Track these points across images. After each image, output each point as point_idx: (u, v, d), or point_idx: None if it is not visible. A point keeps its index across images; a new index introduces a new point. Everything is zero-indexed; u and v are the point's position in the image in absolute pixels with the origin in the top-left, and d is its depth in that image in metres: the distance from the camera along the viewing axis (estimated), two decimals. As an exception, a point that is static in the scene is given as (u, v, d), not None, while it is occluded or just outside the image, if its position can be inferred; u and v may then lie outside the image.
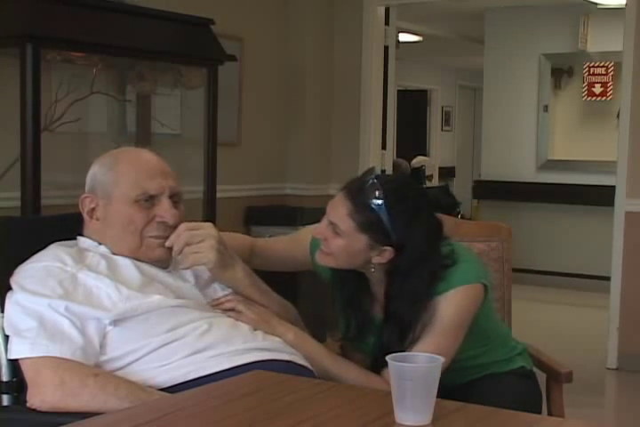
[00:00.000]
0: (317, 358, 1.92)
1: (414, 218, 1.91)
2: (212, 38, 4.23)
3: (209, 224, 1.97)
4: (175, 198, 1.94)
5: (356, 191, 1.92)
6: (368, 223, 1.89)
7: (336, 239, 1.93)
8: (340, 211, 1.92)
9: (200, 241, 1.90)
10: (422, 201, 1.95)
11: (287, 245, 2.28)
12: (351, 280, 2.04)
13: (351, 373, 1.92)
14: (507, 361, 2.20)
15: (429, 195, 1.98)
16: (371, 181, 1.91)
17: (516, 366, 2.20)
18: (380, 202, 1.88)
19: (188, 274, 1.98)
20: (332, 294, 2.12)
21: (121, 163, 1.94)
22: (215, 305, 1.94)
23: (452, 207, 2.04)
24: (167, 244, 1.90)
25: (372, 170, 1.98)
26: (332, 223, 1.93)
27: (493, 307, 2.20)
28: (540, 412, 2.19)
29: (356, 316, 2.06)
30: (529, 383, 2.22)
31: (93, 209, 1.94)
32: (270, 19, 5.22)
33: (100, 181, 1.93)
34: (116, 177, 1.91)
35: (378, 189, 1.89)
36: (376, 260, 1.94)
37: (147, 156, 1.98)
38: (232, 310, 1.93)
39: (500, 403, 1.67)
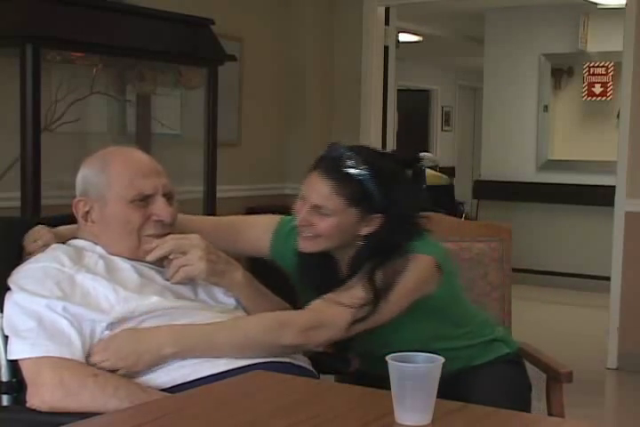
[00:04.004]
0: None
1: (394, 177, 1.94)
2: (212, 38, 4.23)
3: (195, 235, 1.94)
4: (169, 196, 1.94)
5: (333, 167, 1.92)
6: (356, 195, 1.90)
7: (324, 221, 1.93)
8: (322, 191, 1.92)
9: (186, 252, 1.88)
10: (392, 161, 1.99)
11: (236, 233, 2.22)
12: (318, 266, 2.04)
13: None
14: (490, 345, 2.17)
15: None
16: (346, 154, 1.92)
17: (501, 353, 2.19)
18: (362, 171, 1.89)
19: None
20: (299, 281, 2.10)
21: (112, 164, 1.91)
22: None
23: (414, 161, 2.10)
24: (146, 247, 1.87)
25: (335, 144, 1.99)
26: (316, 206, 1.92)
27: (461, 292, 2.16)
28: (529, 397, 2.20)
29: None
30: (516, 370, 2.21)
31: (88, 212, 1.92)
32: (270, 19, 5.22)
33: (93, 183, 1.91)
34: (108, 178, 1.89)
35: (356, 159, 1.91)
36: (365, 231, 1.95)
37: (137, 155, 1.97)
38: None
39: (489, 395, 1.66)
